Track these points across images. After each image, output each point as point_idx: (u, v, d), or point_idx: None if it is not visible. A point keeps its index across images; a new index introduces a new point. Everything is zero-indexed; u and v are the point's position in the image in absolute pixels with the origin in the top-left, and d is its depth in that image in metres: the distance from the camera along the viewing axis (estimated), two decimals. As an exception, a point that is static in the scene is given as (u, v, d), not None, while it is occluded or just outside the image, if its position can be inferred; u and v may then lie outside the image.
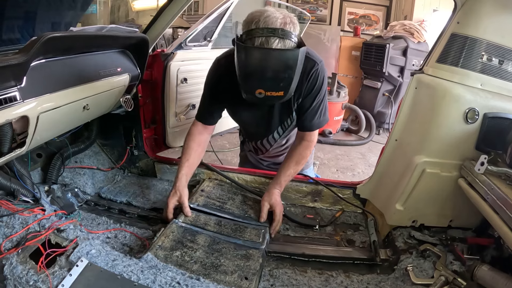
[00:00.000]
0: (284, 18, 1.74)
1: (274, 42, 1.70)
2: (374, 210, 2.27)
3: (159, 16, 2.39)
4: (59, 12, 2.40)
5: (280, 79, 1.73)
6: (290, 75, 1.73)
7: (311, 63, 1.99)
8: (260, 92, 1.76)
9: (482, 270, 1.58)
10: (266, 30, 1.70)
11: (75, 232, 1.73)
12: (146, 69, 2.44)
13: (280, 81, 1.74)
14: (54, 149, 2.37)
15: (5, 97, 1.40)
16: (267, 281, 1.77)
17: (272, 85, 1.75)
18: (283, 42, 1.71)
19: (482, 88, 1.81)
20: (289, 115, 2.18)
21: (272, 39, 1.70)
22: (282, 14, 1.76)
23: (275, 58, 1.72)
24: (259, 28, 1.71)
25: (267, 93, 1.76)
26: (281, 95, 1.78)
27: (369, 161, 5.70)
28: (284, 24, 1.73)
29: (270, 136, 2.32)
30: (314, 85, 2.03)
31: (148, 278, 1.49)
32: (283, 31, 1.71)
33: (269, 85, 1.75)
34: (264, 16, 1.72)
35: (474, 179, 1.71)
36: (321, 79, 2.03)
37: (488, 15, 1.77)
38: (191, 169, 2.20)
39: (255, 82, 1.76)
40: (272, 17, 1.72)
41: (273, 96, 1.78)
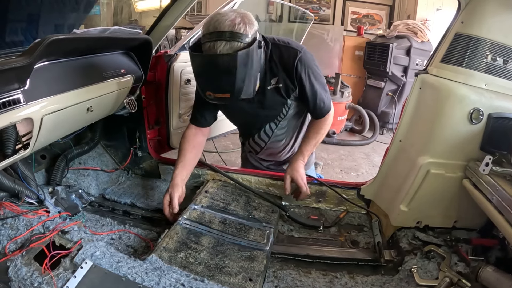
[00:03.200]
0: (234, 19, 1.79)
1: (220, 46, 1.78)
2: (379, 211, 2.27)
3: (162, 17, 2.39)
4: (62, 14, 2.40)
5: (224, 82, 1.84)
6: (232, 77, 1.81)
7: (293, 51, 2.06)
8: (210, 94, 1.90)
9: (486, 271, 1.57)
10: (214, 34, 1.79)
11: (79, 233, 1.74)
12: (150, 70, 2.44)
13: (224, 84, 1.85)
14: (58, 150, 2.38)
15: (9, 99, 1.40)
16: (271, 282, 1.77)
17: (218, 87, 1.89)
18: (230, 44, 1.78)
19: (486, 88, 1.80)
20: (283, 105, 2.22)
21: (218, 43, 1.78)
22: (234, 14, 1.82)
23: (215, 64, 1.82)
24: (208, 33, 1.81)
25: (215, 94, 1.91)
26: (227, 96, 1.89)
27: (373, 161, 5.69)
28: (233, 26, 1.78)
29: (267, 127, 2.34)
30: (303, 71, 2.08)
31: (153, 280, 1.49)
32: (231, 33, 1.77)
33: (215, 88, 1.90)
34: (214, 20, 1.81)
35: (479, 179, 1.70)
36: (308, 62, 2.09)
37: (492, 15, 1.76)
38: (186, 170, 2.22)
39: (203, 86, 1.95)
40: (222, 20, 1.79)
41: (221, 97, 1.92)
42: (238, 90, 1.85)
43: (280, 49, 2.08)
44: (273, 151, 2.49)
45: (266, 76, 2.09)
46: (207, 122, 2.32)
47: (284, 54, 2.07)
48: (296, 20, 7.55)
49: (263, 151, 2.47)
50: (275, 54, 2.08)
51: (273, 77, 2.11)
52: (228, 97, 1.89)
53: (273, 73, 2.10)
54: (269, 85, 2.12)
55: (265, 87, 2.11)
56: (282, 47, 2.08)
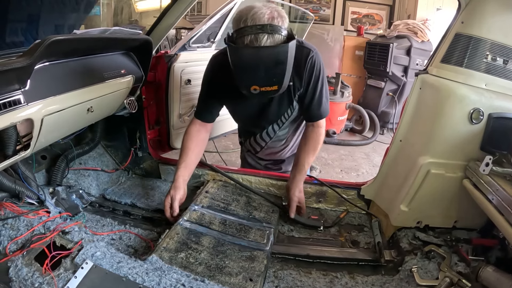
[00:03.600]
0: (272, 13, 1.76)
1: (263, 39, 1.73)
2: (379, 211, 2.27)
3: (162, 17, 2.39)
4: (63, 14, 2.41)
5: (273, 74, 1.78)
6: (282, 69, 1.77)
7: (306, 51, 2.04)
8: (255, 89, 1.81)
9: (487, 271, 1.58)
10: (254, 28, 1.73)
11: (80, 234, 1.74)
12: (150, 70, 2.44)
13: (273, 76, 1.79)
14: (58, 151, 2.38)
15: (9, 100, 1.40)
16: (271, 282, 1.77)
17: (266, 81, 1.80)
18: (272, 37, 1.74)
19: (486, 88, 1.80)
20: (289, 105, 2.21)
21: (261, 36, 1.72)
22: (269, 9, 1.79)
23: (265, 56, 1.75)
24: (247, 26, 1.74)
25: (262, 88, 1.81)
26: (275, 89, 1.83)
27: (373, 161, 5.68)
28: (271, 18, 1.75)
29: (270, 128, 2.34)
30: (313, 72, 2.07)
31: (153, 280, 1.50)
32: (272, 26, 1.73)
33: (263, 81, 1.80)
34: (251, 14, 1.75)
35: (479, 180, 1.70)
36: (318, 65, 2.07)
37: (492, 15, 1.76)
38: (188, 170, 2.20)
39: (249, 80, 1.81)
40: (259, 13, 1.74)
41: (268, 91, 1.83)
42: (285, 82, 1.83)
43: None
44: (273, 150, 2.49)
45: None
46: (212, 117, 2.28)
47: (297, 53, 2.00)
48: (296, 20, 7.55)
49: (263, 150, 2.48)
50: None
51: None
52: (275, 90, 1.83)
53: None
54: None
55: None
56: (297, 46, 2.01)
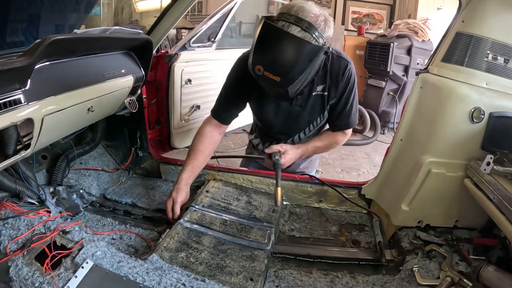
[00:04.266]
0: (318, 16, 1.74)
1: (294, 30, 1.68)
2: (380, 211, 2.26)
3: (162, 17, 2.39)
4: (63, 14, 2.41)
5: (280, 63, 1.70)
6: (291, 63, 1.70)
7: (345, 62, 2.04)
8: (259, 69, 1.72)
9: (488, 271, 1.57)
10: (294, 18, 1.70)
11: (80, 233, 1.74)
12: (151, 70, 2.44)
13: (280, 66, 1.70)
14: (59, 150, 2.38)
15: (9, 99, 1.40)
16: (272, 282, 1.76)
17: (272, 65, 1.72)
18: (303, 33, 1.69)
19: (487, 87, 1.80)
20: (320, 113, 2.19)
21: (293, 26, 1.68)
22: (320, 12, 1.76)
23: (283, 40, 1.70)
24: (289, 14, 1.71)
25: (265, 72, 1.72)
26: (276, 80, 1.72)
27: (374, 161, 5.70)
28: (315, 20, 1.71)
29: (296, 136, 2.31)
30: (348, 83, 2.08)
31: (154, 280, 1.49)
32: (310, 25, 1.69)
33: (268, 65, 1.72)
34: (300, 6, 1.73)
35: (480, 179, 1.70)
36: (353, 78, 2.09)
37: (493, 14, 1.76)
38: (194, 173, 2.19)
39: (258, 57, 1.74)
40: (307, 10, 1.72)
41: (269, 78, 1.72)
42: (289, 79, 1.73)
43: (332, 58, 2.03)
44: None
45: (315, 81, 2.04)
46: (230, 119, 2.24)
47: (336, 63, 2.04)
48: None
49: None
50: (327, 61, 2.03)
51: (321, 83, 2.08)
52: (276, 81, 1.72)
53: (322, 79, 2.07)
54: (315, 91, 2.09)
55: (311, 92, 2.08)
56: (334, 56, 2.04)
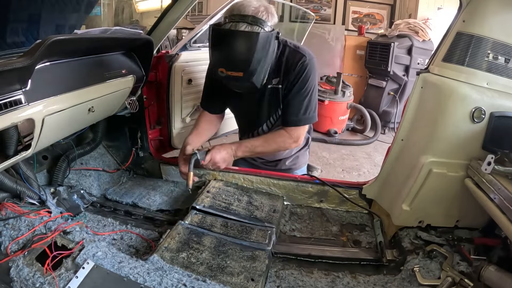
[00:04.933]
0: (258, 8, 1.86)
1: (241, 27, 1.82)
2: (380, 211, 2.26)
3: (163, 17, 2.39)
4: (64, 14, 2.41)
5: (239, 60, 1.86)
6: (248, 56, 1.83)
7: (299, 55, 2.09)
8: (222, 71, 1.88)
9: (489, 271, 1.57)
10: (237, 17, 1.84)
11: (81, 234, 1.74)
12: (151, 70, 2.44)
13: (239, 62, 1.86)
14: (59, 151, 2.38)
15: (10, 100, 1.40)
16: (273, 282, 1.76)
17: (232, 64, 1.88)
18: (251, 27, 1.83)
19: (488, 87, 1.80)
20: (278, 107, 2.23)
21: (240, 24, 1.83)
22: (259, 2, 1.88)
23: (234, 39, 1.85)
24: (232, 15, 1.86)
25: (228, 72, 1.87)
26: (240, 75, 1.88)
27: (375, 161, 5.69)
28: (256, 12, 1.84)
29: (260, 129, 2.37)
30: (300, 77, 2.09)
31: (155, 280, 1.50)
32: (254, 18, 1.83)
33: (229, 65, 1.88)
34: (239, 5, 1.87)
35: (481, 179, 1.70)
36: (308, 72, 2.10)
37: (493, 14, 1.76)
38: (199, 138, 2.31)
39: (217, 61, 1.92)
40: (247, 5, 1.86)
41: (233, 76, 1.89)
42: (251, 71, 1.86)
43: (289, 51, 2.10)
44: None
45: (271, 74, 2.10)
46: (216, 109, 2.40)
47: (290, 57, 2.09)
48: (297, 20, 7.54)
49: None
50: (283, 55, 2.10)
51: (275, 76, 2.13)
52: (240, 77, 1.88)
53: (276, 72, 2.12)
54: (270, 84, 2.15)
55: (267, 85, 2.13)
56: (291, 50, 2.11)
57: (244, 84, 1.97)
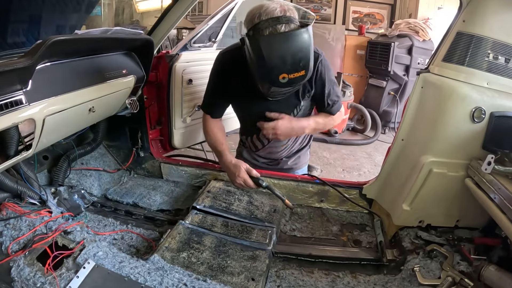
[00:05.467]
0: (282, 7, 1.83)
1: (281, 29, 1.78)
2: (381, 210, 2.26)
3: (163, 17, 2.39)
4: (64, 15, 2.41)
5: (299, 59, 1.79)
6: (307, 53, 1.79)
7: (315, 55, 2.04)
8: (284, 77, 1.80)
9: (489, 271, 1.57)
10: (270, 20, 1.79)
11: (82, 234, 1.74)
12: (151, 70, 2.44)
13: (300, 61, 1.79)
14: (60, 151, 2.38)
15: (11, 100, 1.41)
16: (273, 282, 1.77)
17: (294, 66, 1.79)
18: (288, 26, 1.79)
19: (488, 87, 1.80)
20: (295, 106, 2.24)
21: (278, 26, 1.78)
22: (278, 4, 1.85)
23: (290, 40, 1.77)
24: (263, 21, 1.80)
25: (290, 75, 1.80)
26: (303, 74, 1.82)
27: (375, 161, 5.69)
28: (283, 11, 1.81)
29: None
30: (324, 73, 2.15)
31: (155, 280, 1.50)
32: (286, 17, 1.80)
33: (291, 68, 1.79)
34: (263, 10, 1.81)
35: (481, 178, 1.70)
36: (326, 67, 2.16)
37: (493, 14, 1.76)
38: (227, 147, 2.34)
39: (277, 69, 1.79)
40: (271, 8, 1.81)
41: (296, 77, 1.82)
42: (311, 66, 1.84)
43: None
44: (273, 150, 2.49)
45: None
46: (220, 113, 2.38)
47: None
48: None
49: (264, 149, 2.48)
50: None
51: None
52: (303, 75, 1.83)
53: None
54: None
55: None
56: None
57: (303, 81, 1.93)
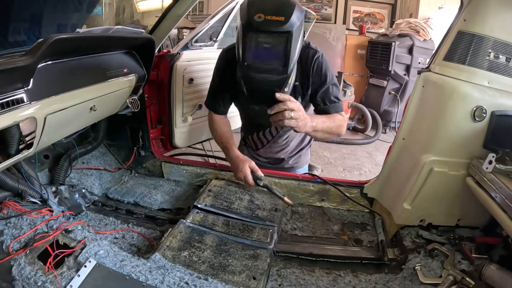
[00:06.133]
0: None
1: None
2: (382, 209, 2.26)
3: (164, 16, 2.39)
4: (65, 14, 2.40)
5: (282, 4, 1.78)
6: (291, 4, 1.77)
7: (313, 51, 2.09)
8: (260, 16, 1.74)
9: (490, 270, 1.57)
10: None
11: (83, 232, 1.74)
12: (152, 69, 2.44)
13: (282, 6, 1.76)
14: (61, 150, 2.38)
15: (12, 99, 1.40)
16: (275, 281, 1.77)
17: (273, 8, 1.75)
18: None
19: (489, 86, 1.79)
20: None
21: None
22: None
23: None
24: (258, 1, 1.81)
25: (267, 16, 1.74)
26: (281, 20, 1.74)
27: (376, 160, 5.69)
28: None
29: (273, 128, 2.39)
30: (322, 70, 2.11)
31: (157, 279, 1.50)
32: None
33: (270, 8, 1.75)
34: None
35: (482, 177, 1.70)
36: (324, 64, 2.12)
37: (494, 13, 1.75)
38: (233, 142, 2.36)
39: (256, 5, 1.78)
40: None
41: (273, 20, 1.74)
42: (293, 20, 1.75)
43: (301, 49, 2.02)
44: (273, 149, 2.50)
45: None
46: (224, 109, 2.40)
47: (304, 54, 2.08)
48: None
49: (264, 148, 2.49)
50: None
51: None
52: (281, 21, 1.74)
53: None
54: None
55: None
56: (303, 47, 2.05)
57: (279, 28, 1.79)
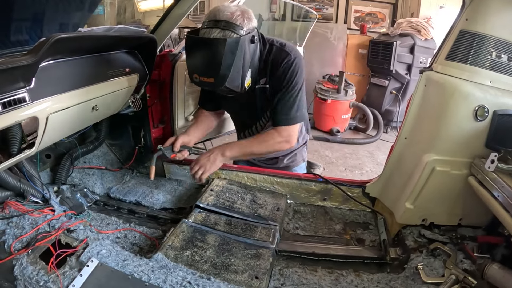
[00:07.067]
0: (234, 12, 1.89)
1: (214, 33, 1.88)
2: (384, 209, 2.26)
3: (166, 16, 2.40)
4: (67, 13, 2.41)
5: (209, 66, 1.90)
6: (217, 63, 1.86)
7: (284, 54, 2.11)
8: (196, 77, 1.95)
9: (492, 269, 1.57)
10: (212, 22, 1.88)
11: (85, 232, 1.74)
12: (154, 69, 2.44)
13: (209, 68, 1.92)
14: (63, 149, 2.38)
15: (14, 98, 1.40)
16: (277, 280, 1.77)
17: (204, 70, 1.93)
18: (223, 32, 1.86)
19: (491, 85, 1.79)
20: (267, 107, 2.26)
21: (213, 30, 1.87)
22: (236, 8, 1.92)
23: (204, 46, 1.92)
24: (207, 21, 1.90)
25: (201, 78, 1.94)
26: (211, 81, 1.93)
27: (377, 160, 5.69)
28: (231, 17, 1.87)
29: (253, 128, 2.42)
30: (285, 76, 2.10)
31: (159, 278, 1.50)
32: (227, 23, 1.86)
33: (201, 71, 1.94)
34: (217, 9, 1.92)
35: (484, 177, 1.70)
36: (294, 70, 2.11)
37: (496, 12, 1.75)
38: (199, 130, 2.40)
39: (191, 67, 1.99)
40: (222, 10, 1.89)
41: (205, 81, 1.95)
42: (222, 77, 1.89)
43: (275, 50, 2.13)
44: None
45: (258, 75, 2.14)
46: (213, 106, 2.48)
47: (276, 56, 2.11)
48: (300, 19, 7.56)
49: None
50: (269, 54, 2.12)
51: (263, 76, 2.16)
52: (212, 83, 1.92)
53: (264, 73, 2.15)
54: (258, 84, 2.18)
55: (255, 85, 2.17)
56: (277, 49, 2.13)
57: (215, 89, 2.02)
